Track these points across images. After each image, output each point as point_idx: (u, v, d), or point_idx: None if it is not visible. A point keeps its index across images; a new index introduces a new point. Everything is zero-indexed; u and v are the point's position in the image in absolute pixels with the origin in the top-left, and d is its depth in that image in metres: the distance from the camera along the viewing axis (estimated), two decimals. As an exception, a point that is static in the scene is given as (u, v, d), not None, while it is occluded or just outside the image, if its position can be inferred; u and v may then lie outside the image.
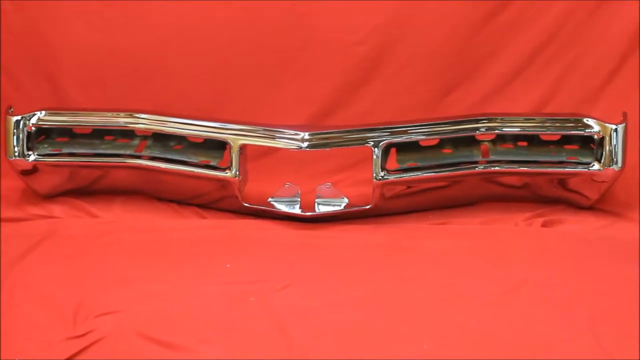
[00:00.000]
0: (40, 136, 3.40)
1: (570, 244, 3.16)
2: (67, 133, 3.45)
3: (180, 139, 3.41)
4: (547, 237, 3.23)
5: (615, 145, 3.24)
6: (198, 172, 3.34)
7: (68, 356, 2.52)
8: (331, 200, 3.38)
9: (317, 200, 3.38)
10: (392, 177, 3.27)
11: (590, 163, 3.28)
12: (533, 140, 3.39)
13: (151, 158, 3.39)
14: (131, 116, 3.39)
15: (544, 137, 3.38)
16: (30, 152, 3.36)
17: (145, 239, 3.19)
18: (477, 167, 3.32)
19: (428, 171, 3.30)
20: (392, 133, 3.28)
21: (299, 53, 3.72)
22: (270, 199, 3.38)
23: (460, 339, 2.62)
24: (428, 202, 3.41)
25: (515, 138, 3.39)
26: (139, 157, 3.39)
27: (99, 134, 3.45)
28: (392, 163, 3.31)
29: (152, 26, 3.71)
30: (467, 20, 3.67)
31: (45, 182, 3.45)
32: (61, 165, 3.41)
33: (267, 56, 3.72)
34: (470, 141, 3.38)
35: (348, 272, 2.98)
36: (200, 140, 3.39)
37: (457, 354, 2.55)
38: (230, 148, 3.28)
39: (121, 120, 3.39)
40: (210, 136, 3.33)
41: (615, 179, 3.29)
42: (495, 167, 3.33)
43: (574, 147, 3.36)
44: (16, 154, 3.34)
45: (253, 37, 3.70)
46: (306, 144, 3.25)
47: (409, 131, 3.30)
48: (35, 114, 3.37)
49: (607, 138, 3.24)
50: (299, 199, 3.37)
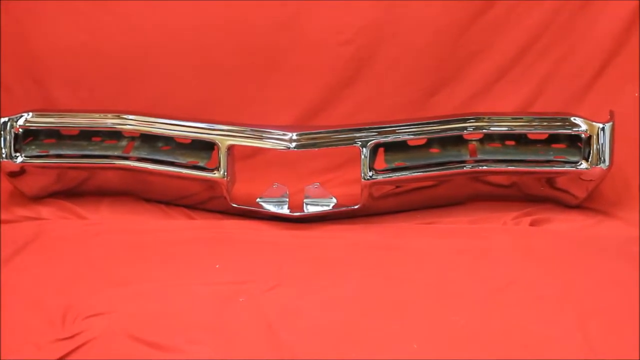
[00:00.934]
0: (27, 138, 3.39)
1: (558, 242, 3.17)
2: (55, 134, 3.44)
3: (168, 139, 3.41)
4: (535, 236, 3.24)
5: (602, 144, 3.24)
6: (186, 173, 3.33)
7: (57, 358, 2.52)
8: (319, 200, 3.38)
9: (305, 200, 3.38)
10: (380, 177, 3.27)
11: (578, 162, 3.28)
12: (520, 140, 3.39)
13: (139, 159, 3.38)
14: (118, 117, 3.38)
15: (531, 136, 3.39)
16: (18, 154, 3.35)
17: (133, 240, 3.19)
18: (465, 166, 3.32)
19: (416, 171, 3.30)
20: (380, 133, 3.28)
21: (286, 53, 3.72)
22: (258, 200, 3.38)
23: (450, 338, 2.62)
24: (416, 201, 3.41)
25: (503, 137, 3.40)
26: (126, 158, 3.38)
27: (86, 135, 3.44)
28: (380, 163, 3.31)
29: (139, 27, 3.70)
30: (454, 20, 3.67)
31: (32, 184, 3.44)
32: (49, 167, 3.40)
33: (254, 56, 3.72)
34: (458, 140, 3.38)
35: (337, 272, 2.98)
36: (188, 141, 3.39)
37: (447, 353, 2.56)
38: (218, 149, 3.27)
39: (108, 121, 3.39)
40: (198, 137, 3.33)
41: (603, 177, 3.29)
42: (483, 166, 3.33)
43: (562, 146, 3.36)
44: (3, 155, 3.34)
45: (240, 37, 3.70)
46: (294, 144, 3.25)
47: (397, 131, 3.30)
48: (22, 116, 3.37)
49: (595, 137, 3.25)
50: (288, 199, 3.37)
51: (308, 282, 2.92)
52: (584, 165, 3.27)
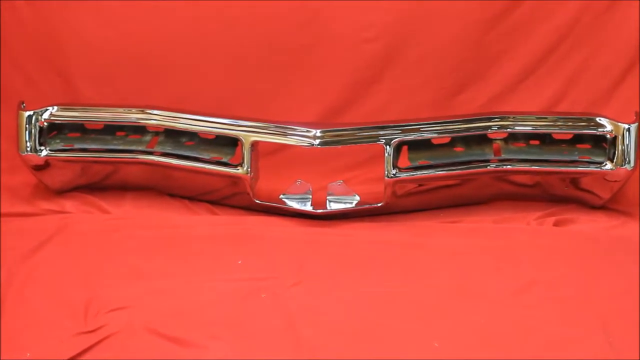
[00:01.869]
0: (52, 131, 3.41)
1: (582, 243, 3.15)
2: (79, 128, 3.45)
3: (192, 135, 3.41)
4: (559, 237, 3.22)
5: (627, 145, 3.22)
6: (209, 169, 3.34)
7: (79, 351, 2.53)
8: (342, 197, 3.37)
9: (328, 197, 3.37)
10: (404, 175, 3.26)
11: (603, 162, 3.27)
12: (545, 139, 3.38)
13: (163, 154, 3.39)
14: (143, 112, 3.39)
15: (556, 136, 3.37)
16: (42, 148, 3.36)
17: (156, 235, 3.19)
18: (488, 165, 3.31)
19: (440, 169, 3.29)
20: (404, 131, 3.27)
21: (310, 50, 3.71)
22: (281, 196, 3.38)
23: (471, 337, 2.62)
24: (439, 200, 3.41)
25: (528, 137, 3.38)
26: (150, 153, 3.39)
27: (110, 129, 3.45)
28: (404, 161, 3.30)
29: (164, 22, 3.70)
30: (479, 19, 3.66)
31: (56, 178, 3.45)
32: (73, 161, 3.41)
33: (278, 53, 3.72)
34: (482, 140, 3.37)
35: (359, 270, 2.98)
36: (212, 137, 3.39)
37: (468, 352, 2.55)
38: (242, 145, 3.28)
39: (133, 116, 3.39)
40: (222, 132, 3.33)
41: (628, 178, 3.27)
42: (507, 165, 3.32)
43: (586, 146, 3.34)
44: (28, 149, 3.35)
45: (265, 33, 3.70)
46: (318, 141, 3.25)
47: (421, 129, 3.29)
48: (47, 109, 3.38)
49: (620, 137, 3.23)
50: (311, 196, 3.37)
51: (330, 280, 2.92)
52: (608, 165, 3.26)
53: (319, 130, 3.26)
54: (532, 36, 3.67)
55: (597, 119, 3.29)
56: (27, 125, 3.35)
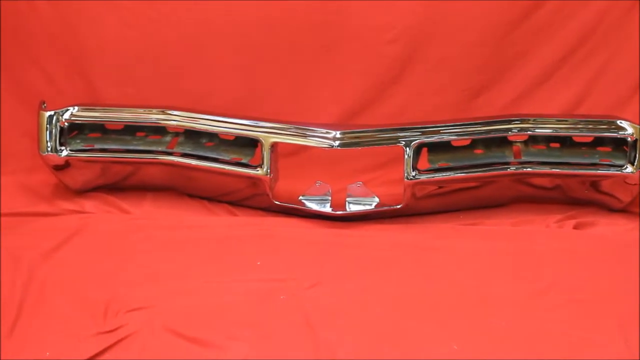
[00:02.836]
0: (72, 131, 3.42)
1: (602, 246, 3.14)
2: (100, 129, 3.47)
3: (211, 136, 3.42)
4: (579, 240, 3.21)
5: (648, 148, 3.22)
6: (229, 170, 3.34)
7: (98, 351, 2.54)
8: (362, 199, 3.37)
9: (347, 199, 3.38)
10: (424, 177, 3.26)
11: (623, 165, 3.26)
12: (565, 142, 3.37)
13: (183, 155, 3.40)
14: (163, 113, 3.40)
15: (576, 139, 3.36)
16: (63, 148, 3.38)
17: (175, 236, 3.20)
18: (508, 168, 3.30)
19: (459, 171, 3.29)
20: (423, 133, 3.27)
21: (330, 51, 3.71)
22: (301, 197, 3.38)
23: (490, 339, 2.61)
24: (459, 202, 3.40)
25: (548, 139, 3.38)
26: (170, 154, 3.40)
27: (131, 130, 3.46)
28: (424, 163, 3.30)
29: (184, 23, 3.71)
30: (500, 21, 3.65)
31: (77, 178, 3.47)
32: (93, 161, 3.42)
33: (298, 54, 3.72)
34: (502, 142, 3.36)
35: (378, 272, 2.98)
36: (231, 138, 3.40)
37: (487, 354, 2.55)
38: (262, 146, 3.28)
39: (153, 116, 3.40)
40: (242, 134, 3.34)
41: (649, 181, 3.27)
42: (527, 168, 3.31)
43: (607, 149, 3.33)
44: (49, 149, 3.37)
45: (285, 34, 3.70)
46: (338, 142, 3.25)
47: (441, 131, 3.29)
48: (68, 110, 3.40)
49: (641, 140, 3.23)
50: (330, 198, 3.37)
51: (348, 281, 2.91)
52: (629, 169, 3.24)
53: (338, 132, 3.26)
54: (553, 38, 3.66)
55: (618, 122, 3.28)
56: (47, 125, 3.36)
